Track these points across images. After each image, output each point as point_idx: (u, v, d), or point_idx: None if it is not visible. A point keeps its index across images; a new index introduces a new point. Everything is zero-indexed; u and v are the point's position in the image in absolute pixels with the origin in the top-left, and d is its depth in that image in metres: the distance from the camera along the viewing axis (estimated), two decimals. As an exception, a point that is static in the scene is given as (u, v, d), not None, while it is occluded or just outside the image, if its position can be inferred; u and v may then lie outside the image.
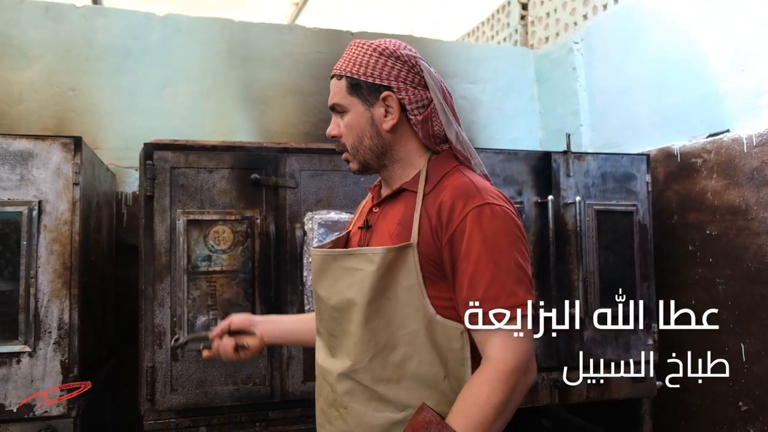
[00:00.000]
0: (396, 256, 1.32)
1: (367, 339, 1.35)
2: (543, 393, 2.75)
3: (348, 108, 1.42)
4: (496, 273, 1.23)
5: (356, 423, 1.38)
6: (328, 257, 1.44)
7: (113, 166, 3.34)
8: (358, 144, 1.43)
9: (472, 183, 1.33)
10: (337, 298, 1.41)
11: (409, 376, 1.32)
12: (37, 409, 2.15)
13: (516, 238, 1.28)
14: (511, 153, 2.81)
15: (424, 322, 1.31)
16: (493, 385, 1.20)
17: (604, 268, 2.84)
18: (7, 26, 3.27)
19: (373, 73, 1.39)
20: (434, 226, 1.31)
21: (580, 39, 3.90)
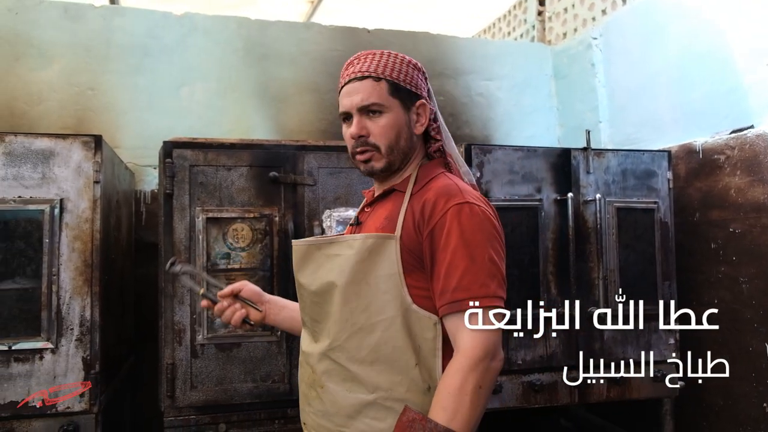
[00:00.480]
0: (376, 245, 1.41)
1: (345, 319, 1.43)
2: (562, 392, 2.73)
3: (388, 109, 1.48)
4: (470, 265, 1.33)
5: (331, 402, 1.46)
6: (312, 246, 1.53)
7: (132, 164, 3.36)
8: (395, 144, 1.49)
9: (455, 184, 1.43)
10: (319, 283, 1.49)
11: (382, 360, 1.40)
12: (59, 405, 2.17)
13: (492, 236, 1.38)
14: (530, 150, 2.78)
15: (401, 309, 1.39)
16: (464, 374, 1.28)
17: (625, 267, 2.81)
18: (27, 27, 3.29)
19: (411, 81, 1.50)
20: (417, 220, 1.40)
21: (598, 34, 3.86)
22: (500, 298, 1.34)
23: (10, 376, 2.13)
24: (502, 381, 2.65)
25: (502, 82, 4.18)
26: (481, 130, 4.07)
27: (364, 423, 1.40)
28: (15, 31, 3.27)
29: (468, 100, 4.07)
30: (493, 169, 2.72)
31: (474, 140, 3.99)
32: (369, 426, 1.40)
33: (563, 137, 4.21)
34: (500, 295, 1.34)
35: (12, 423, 2.14)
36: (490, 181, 2.71)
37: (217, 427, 2.35)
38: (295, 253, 1.58)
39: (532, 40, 4.75)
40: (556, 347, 2.71)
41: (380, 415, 1.39)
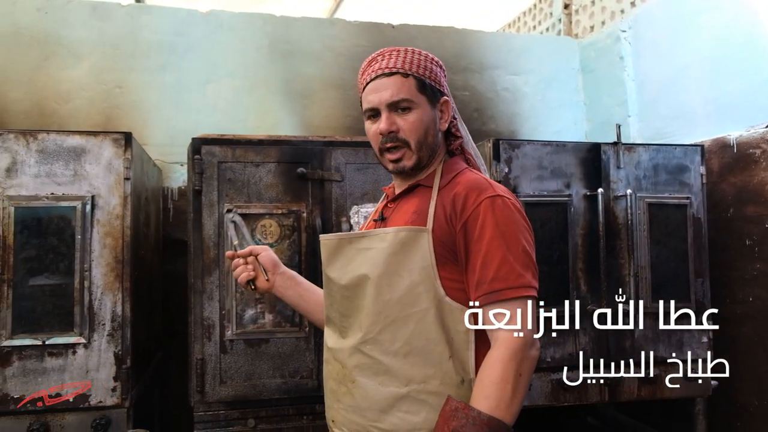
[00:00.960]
0: (409, 237, 1.42)
1: (378, 311, 1.43)
2: (592, 391, 2.69)
3: (417, 105, 1.49)
4: (506, 255, 1.34)
5: (362, 397, 1.45)
6: (343, 240, 1.53)
7: (159, 161, 3.38)
8: (423, 140, 1.50)
9: (484, 179, 1.47)
10: (350, 276, 1.49)
11: (416, 353, 1.40)
12: (92, 399, 2.19)
13: (524, 227, 1.40)
14: (558, 145, 2.75)
15: (434, 301, 1.39)
16: (504, 363, 1.29)
17: (656, 263, 2.76)
18: (56, 26, 3.33)
19: (436, 78, 1.52)
20: (449, 213, 1.41)
21: (627, 27, 3.80)
22: (535, 288, 1.36)
23: (44, 370, 2.16)
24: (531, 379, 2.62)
25: (529, 76, 4.14)
26: (507, 126, 4.03)
27: (398, 417, 1.40)
28: (44, 31, 3.31)
29: (494, 95, 4.03)
30: (522, 164, 2.68)
31: (500, 136, 3.96)
32: (402, 420, 1.40)
33: (591, 132, 4.16)
34: (535, 285, 1.36)
35: (46, 416, 2.17)
36: (519, 177, 2.67)
37: (246, 422, 2.36)
38: (324, 248, 1.57)
39: (559, 33, 4.69)
40: (586, 345, 2.68)
41: (414, 409, 1.39)
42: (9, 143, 2.19)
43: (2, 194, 2.17)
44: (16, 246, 2.16)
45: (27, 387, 2.15)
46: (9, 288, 2.15)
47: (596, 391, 2.70)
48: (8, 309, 2.14)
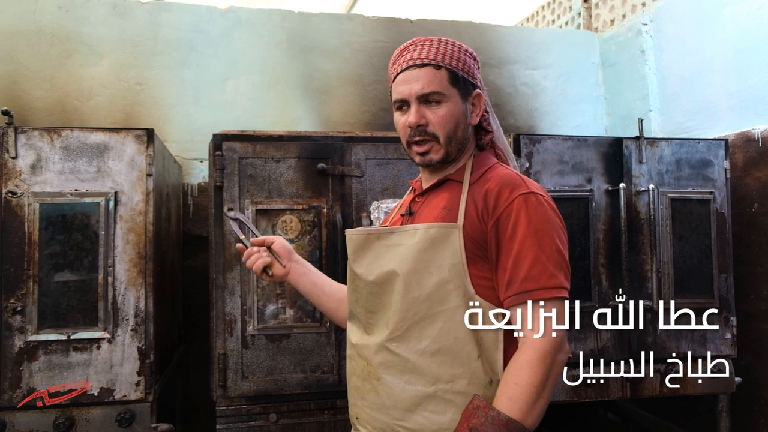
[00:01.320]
0: (439, 234, 1.39)
1: (406, 308, 1.41)
2: (614, 387, 2.67)
3: (448, 98, 1.46)
4: (539, 255, 1.31)
5: (388, 395, 1.43)
6: (371, 236, 1.50)
7: (179, 158, 3.40)
8: (453, 134, 1.47)
9: (516, 174, 1.43)
10: (378, 272, 1.46)
11: (444, 351, 1.38)
12: (116, 394, 2.21)
13: (558, 226, 1.37)
14: (580, 139, 2.72)
15: (463, 300, 1.37)
16: (533, 366, 1.27)
17: (679, 259, 2.73)
18: (78, 24, 3.36)
19: (469, 70, 1.48)
20: (480, 210, 1.38)
21: (649, 20, 3.75)
22: (567, 290, 1.32)
23: (69, 364, 2.19)
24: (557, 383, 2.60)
25: (548, 71, 4.10)
26: (526, 121, 4.01)
27: (424, 416, 1.38)
28: (66, 29, 3.34)
29: (513, 90, 4.01)
30: (542, 159, 2.67)
31: (519, 130, 3.93)
32: (429, 419, 1.38)
33: (611, 127, 4.12)
34: (567, 286, 1.33)
35: (71, 410, 2.19)
36: (539, 172, 2.66)
37: (267, 416, 2.37)
38: (350, 243, 1.55)
39: (578, 27, 4.65)
40: (607, 341, 2.65)
41: (440, 408, 1.37)
42: (34, 140, 2.21)
43: (27, 191, 2.19)
44: (41, 242, 2.19)
45: (53, 381, 2.18)
46: (35, 283, 2.17)
47: (618, 387, 2.68)
48: (34, 304, 2.17)
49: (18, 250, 2.17)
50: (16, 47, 3.27)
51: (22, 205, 2.19)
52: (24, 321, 2.16)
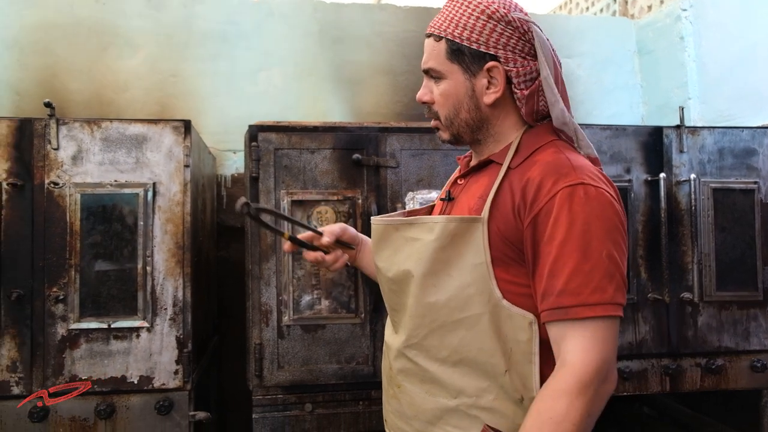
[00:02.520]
0: (460, 229, 1.21)
1: (422, 314, 1.26)
2: (653, 381, 2.62)
3: (445, 75, 1.28)
4: (582, 263, 1.08)
5: (408, 404, 1.31)
6: (390, 227, 1.35)
7: (213, 149, 3.42)
8: (453, 116, 1.30)
9: (567, 159, 1.18)
10: (395, 270, 1.33)
11: (467, 363, 1.22)
12: (155, 382, 2.24)
13: (613, 226, 1.12)
14: (618, 129, 2.67)
15: (488, 306, 1.19)
16: (572, 397, 1.05)
17: (721, 250, 2.66)
18: (114, 16, 3.40)
19: (479, 38, 1.24)
20: (517, 203, 1.17)
21: (688, 6, 3.66)
22: (618, 306, 1.10)
23: (110, 352, 2.22)
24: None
25: (583, 59, 4.04)
26: (560, 110, 3.94)
27: (446, 431, 1.25)
28: (102, 22, 3.38)
29: (547, 79, 3.94)
30: (580, 149, 2.62)
31: (553, 120, 3.87)
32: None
33: (648, 116, 4.04)
34: (619, 301, 1.10)
35: (112, 397, 2.23)
36: (577, 162, 2.61)
37: (303, 406, 2.38)
38: (373, 233, 1.43)
39: (614, 14, 4.55)
40: (646, 334, 2.61)
41: (464, 424, 1.22)
42: (75, 132, 2.25)
43: (69, 181, 2.22)
44: (83, 232, 2.22)
45: (94, 369, 2.21)
46: (76, 273, 2.21)
47: (657, 381, 2.63)
48: (76, 293, 2.20)
49: (60, 240, 2.21)
50: (54, 40, 3.32)
51: (64, 195, 2.22)
52: (66, 309, 2.20)
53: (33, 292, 2.19)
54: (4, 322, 2.16)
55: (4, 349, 2.16)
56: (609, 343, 1.09)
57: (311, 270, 2.40)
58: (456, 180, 1.43)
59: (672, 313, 2.62)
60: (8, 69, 3.26)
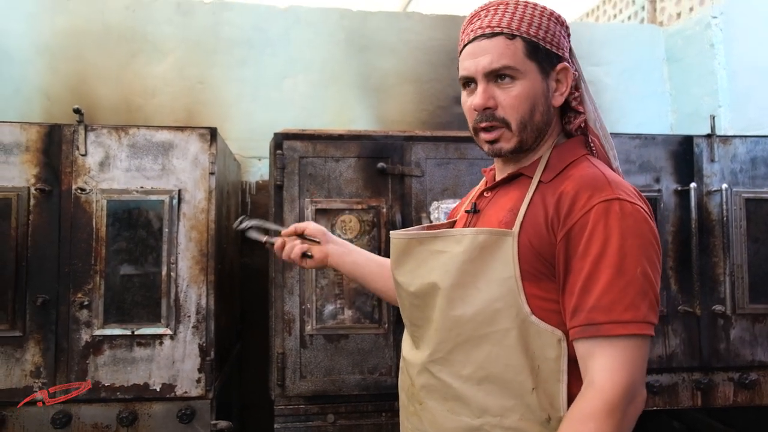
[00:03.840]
0: (490, 242, 1.18)
1: (449, 328, 1.22)
2: (683, 395, 2.56)
3: (524, 74, 1.21)
4: (616, 279, 1.06)
5: (430, 422, 1.27)
6: (413, 240, 1.31)
7: (238, 155, 3.43)
8: (528, 119, 1.23)
9: (602, 174, 1.16)
10: (419, 283, 1.29)
11: (492, 380, 1.18)
12: (177, 390, 2.24)
13: (648, 243, 1.10)
14: (648, 138, 2.62)
15: (516, 321, 1.15)
16: (600, 422, 1.02)
17: (754, 262, 2.59)
18: (143, 23, 3.43)
19: (553, 39, 1.23)
20: (551, 217, 1.15)
21: (719, 13, 3.58)
22: (651, 325, 1.08)
23: (133, 360, 2.22)
24: None
25: (610, 67, 3.98)
26: (587, 118, 3.89)
27: None
28: (132, 28, 3.42)
29: (574, 87, 3.89)
30: (608, 158, 2.57)
31: (580, 128, 3.82)
32: None
33: (676, 124, 3.96)
34: (651, 320, 1.08)
35: (134, 405, 2.23)
36: (605, 171, 2.56)
37: (325, 417, 2.36)
38: (393, 247, 1.38)
39: (642, 21, 4.49)
40: (676, 347, 2.54)
41: None
42: (102, 138, 2.26)
43: (96, 187, 2.24)
44: (108, 238, 2.23)
45: (117, 376, 2.22)
46: (101, 279, 2.22)
47: (688, 396, 2.56)
48: (100, 299, 2.21)
49: (86, 246, 2.22)
50: (84, 46, 3.36)
51: (91, 201, 2.23)
52: (90, 315, 2.21)
53: (58, 298, 2.20)
54: (29, 327, 2.18)
55: (28, 354, 2.17)
56: (638, 364, 1.07)
57: (335, 279, 2.38)
58: (482, 192, 1.39)
59: (703, 325, 2.56)
60: (39, 74, 3.31)
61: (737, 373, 2.57)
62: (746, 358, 2.56)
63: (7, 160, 2.20)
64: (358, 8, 3.71)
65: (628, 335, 1.05)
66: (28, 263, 2.19)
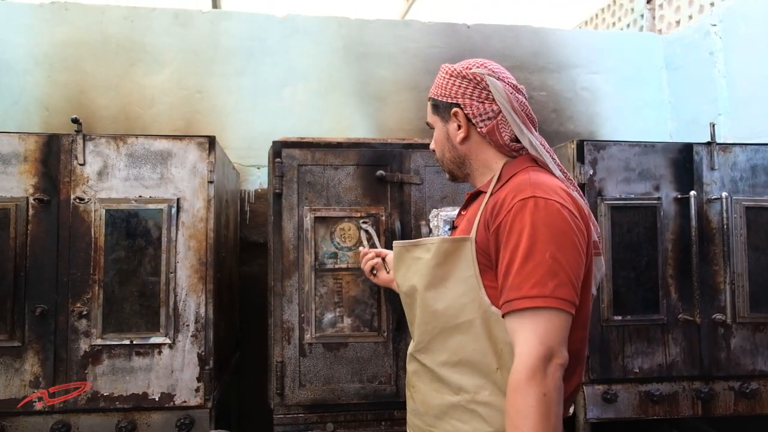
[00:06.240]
0: (452, 248, 1.42)
1: (426, 322, 1.47)
2: (684, 404, 2.55)
3: (433, 125, 1.62)
4: (526, 262, 1.25)
5: (421, 402, 1.52)
6: (403, 248, 1.61)
7: (236, 164, 3.43)
8: (442, 156, 1.62)
9: (528, 179, 1.37)
10: (407, 285, 1.56)
11: (464, 363, 1.40)
12: (176, 399, 2.23)
13: (560, 232, 1.28)
14: (647, 145, 2.62)
15: (479, 312, 1.37)
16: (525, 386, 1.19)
17: (754, 270, 2.59)
18: (142, 34, 3.44)
19: (445, 92, 1.55)
20: (487, 219, 1.38)
21: (718, 21, 3.59)
22: (559, 299, 1.23)
23: (131, 369, 2.21)
24: (618, 390, 2.50)
25: (609, 75, 3.99)
26: (586, 126, 3.90)
27: (450, 424, 1.43)
28: (130, 39, 3.43)
29: (572, 95, 3.90)
30: (607, 166, 2.57)
31: (579, 136, 3.83)
32: (454, 427, 1.42)
33: (676, 132, 3.96)
34: (560, 296, 1.23)
35: (133, 414, 2.22)
36: (604, 179, 2.56)
37: (324, 426, 2.35)
38: (393, 255, 1.68)
39: (641, 29, 4.50)
40: (677, 356, 2.53)
41: (465, 418, 1.40)
42: (101, 147, 2.26)
43: (94, 197, 2.24)
44: (107, 247, 2.23)
45: (115, 385, 2.21)
46: (100, 288, 2.21)
47: (688, 405, 2.55)
48: (99, 308, 2.21)
49: (84, 255, 2.22)
50: (83, 57, 3.37)
51: (89, 210, 2.23)
52: (89, 325, 2.21)
53: (57, 308, 2.20)
54: (27, 338, 2.17)
55: (27, 364, 2.17)
56: (553, 333, 1.23)
57: (334, 287, 2.38)
58: (460, 212, 1.67)
59: (703, 334, 2.55)
60: (38, 85, 3.32)
61: (738, 382, 2.56)
62: (747, 367, 2.55)
63: (5, 170, 2.21)
64: (357, 17, 3.72)
65: (536, 308, 1.23)
66: (26, 273, 2.19)
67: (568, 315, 1.25)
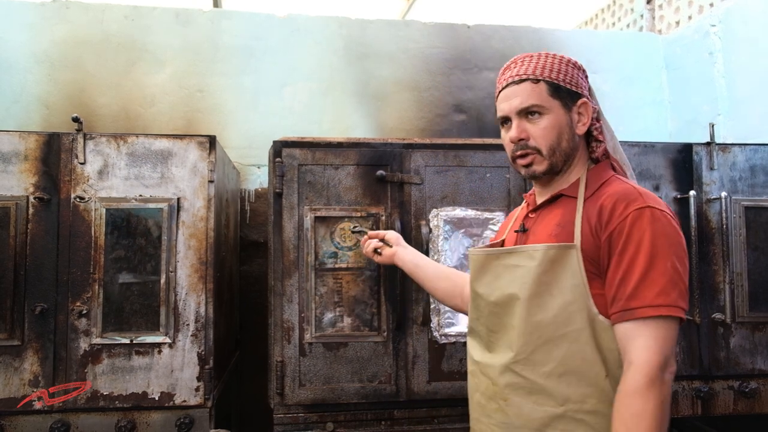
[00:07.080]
0: (557, 255, 1.40)
1: (530, 332, 1.42)
2: (684, 404, 2.55)
3: (549, 110, 1.48)
4: (649, 272, 1.27)
5: (516, 415, 1.45)
6: (490, 256, 1.54)
7: (237, 163, 3.44)
8: (556, 145, 1.49)
9: (634, 188, 1.39)
10: (498, 294, 1.50)
11: (571, 372, 1.38)
12: (176, 398, 2.23)
13: (676, 244, 1.31)
14: (647, 145, 2.62)
15: (587, 320, 1.36)
16: (645, 393, 1.22)
17: (754, 270, 2.59)
18: (143, 33, 3.44)
19: (572, 81, 1.49)
20: (594, 226, 1.38)
21: (717, 21, 3.60)
22: (680, 309, 1.28)
23: (131, 368, 2.22)
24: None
25: (609, 75, 3.99)
26: (586, 126, 3.89)
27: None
28: (131, 38, 3.43)
29: (572, 95, 3.90)
30: (607, 166, 2.57)
31: (579, 136, 3.82)
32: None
33: (675, 132, 3.97)
34: (680, 305, 1.28)
35: (133, 414, 2.22)
36: (604, 179, 2.56)
37: (324, 425, 2.35)
38: (472, 263, 1.62)
39: (641, 30, 4.51)
40: (676, 355, 2.53)
41: (570, 427, 1.38)
42: (101, 146, 2.26)
43: (94, 196, 2.24)
44: (107, 246, 2.23)
45: (115, 385, 2.21)
46: (100, 287, 2.21)
47: (688, 404, 2.55)
48: (99, 307, 2.21)
49: (84, 254, 2.22)
50: (83, 56, 3.37)
51: (90, 210, 2.23)
52: (89, 324, 2.21)
53: (57, 306, 2.20)
54: (27, 336, 2.17)
55: (26, 363, 2.17)
56: (669, 342, 1.27)
57: (334, 287, 2.38)
58: (527, 214, 1.63)
59: (703, 334, 2.55)
60: (38, 83, 3.32)
61: (737, 382, 2.56)
62: (746, 367, 2.56)
63: (5, 168, 2.21)
64: (357, 16, 3.72)
65: (658, 317, 1.26)
66: (26, 272, 2.19)
67: (680, 325, 1.30)
